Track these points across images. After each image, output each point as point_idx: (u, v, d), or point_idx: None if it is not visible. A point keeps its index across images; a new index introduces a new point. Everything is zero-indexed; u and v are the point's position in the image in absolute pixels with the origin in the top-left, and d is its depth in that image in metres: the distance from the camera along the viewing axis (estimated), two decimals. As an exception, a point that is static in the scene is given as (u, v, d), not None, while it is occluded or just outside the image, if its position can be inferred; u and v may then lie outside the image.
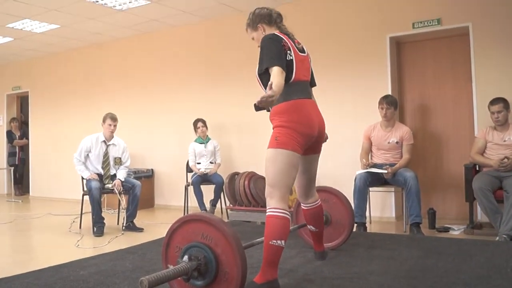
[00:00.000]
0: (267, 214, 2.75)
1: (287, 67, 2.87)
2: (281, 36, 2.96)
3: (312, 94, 3.22)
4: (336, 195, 3.82)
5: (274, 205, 2.75)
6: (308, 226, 3.44)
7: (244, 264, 2.38)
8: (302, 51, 3.09)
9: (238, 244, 2.41)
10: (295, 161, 2.84)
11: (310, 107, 2.99)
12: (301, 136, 2.83)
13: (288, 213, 2.75)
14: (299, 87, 2.96)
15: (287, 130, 2.81)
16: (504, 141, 4.71)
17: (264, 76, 2.89)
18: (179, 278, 2.47)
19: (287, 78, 2.88)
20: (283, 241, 2.67)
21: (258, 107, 3.07)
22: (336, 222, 3.82)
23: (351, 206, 3.87)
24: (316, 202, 3.33)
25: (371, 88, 5.83)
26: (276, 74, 2.73)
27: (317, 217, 3.36)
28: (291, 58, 2.91)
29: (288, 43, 2.94)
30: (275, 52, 2.83)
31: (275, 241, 2.65)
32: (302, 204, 3.37)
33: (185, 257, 2.46)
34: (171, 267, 2.46)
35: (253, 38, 3.20)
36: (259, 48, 2.95)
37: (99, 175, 5.56)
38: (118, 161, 5.70)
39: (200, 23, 7.29)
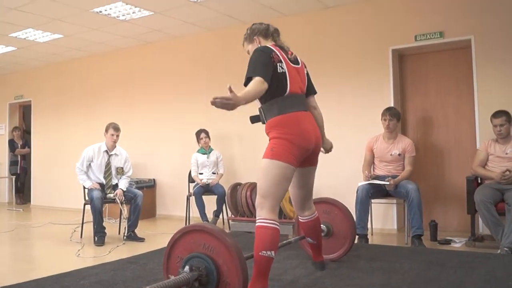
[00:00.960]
0: (256, 224, 2.74)
1: (280, 80, 2.88)
2: (273, 48, 2.96)
3: (312, 104, 3.22)
4: (338, 207, 3.81)
5: (264, 216, 2.74)
6: (306, 238, 3.44)
7: (245, 274, 2.37)
8: (296, 62, 3.10)
9: (239, 254, 2.40)
10: (289, 174, 2.84)
11: (306, 120, 2.98)
12: (297, 148, 2.83)
13: (278, 224, 2.74)
14: (295, 100, 2.96)
15: (283, 142, 2.81)
16: (506, 153, 4.71)
17: None
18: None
19: (282, 91, 2.89)
20: (273, 252, 2.67)
21: (253, 119, 3.09)
22: (337, 233, 3.81)
23: (352, 218, 3.86)
24: (313, 215, 3.32)
25: (373, 99, 5.85)
26: (254, 82, 2.70)
27: (314, 229, 3.36)
28: (283, 70, 2.91)
29: (280, 56, 2.94)
30: (260, 63, 2.82)
31: (265, 252, 2.64)
32: (299, 216, 3.36)
33: (186, 268, 2.46)
34: (172, 277, 2.45)
35: (248, 52, 3.20)
36: None
37: (100, 184, 5.56)
38: (120, 171, 5.70)
39: (203, 34, 7.32)
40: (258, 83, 2.70)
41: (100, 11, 6.19)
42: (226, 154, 6.88)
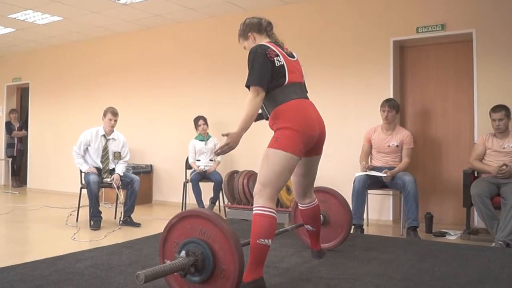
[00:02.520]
0: (254, 212, 2.74)
1: (279, 73, 2.91)
2: (268, 45, 2.97)
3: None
4: (335, 196, 3.82)
5: (262, 204, 2.74)
6: (305, 226, 3.45)
7: (241, 261, 2.37)
8: (292, 56, 3.11)
9: (236, 241, 2.40)
10: (292, 165, 2.83)
11: (309, 107, 2.99)
12: (302, 136, 2.82)
13: (275, 212, 2.74)
14: (295, 88, 2.98)
15: (288, 132, 2.81)
16: (504, 148, 4.72)
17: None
18: (175, 274, 2.46)
19: (281, 82, 2.92)
20: (270, 240, 2.67)
21: (256, 118, 3.11)
22: (334, 222, 3.82)
23: (349, 207, 3.87)
24: (314, 202, 3.33)
25: (373, 91, 5.84)
26: (247, 103, 2.82)
27: (314, 216, 3.37)
28: (281, 63, 2.93)
29: (276, 50, 2.96)
30: (256, 68, 2.87)
31: (262, 240, 2.65)
32: (299, 204, 3.37)
33: (182, 253, 2.45)
34: (168, 262, 2.45)
35: (244, 47, 3.23)
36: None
37: (97, 169, 5.55)
38: (117, 156, 5.69)
39: (204, 20, 7.28)
40: (251, 102, 2.84)
41: (101, -6, 6.15)
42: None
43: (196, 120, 6.64)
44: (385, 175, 4.97)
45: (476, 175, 4.97)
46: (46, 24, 7.57)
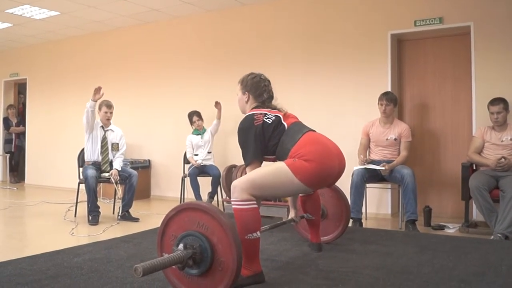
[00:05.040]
0: (233, 207, 2.71)
1: (275, 126, 2.92)
2: (253, 113, 2.98)
3: None
4: (332, 189, 3.82)
5: (238, 197, 2.69)
6: (305, 215, 3.45)
7: (239, 253, 2.37)
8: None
9: (234, 233, 2.40)
10: (294, 190, 2.83)
11: (323, 137, 2.96)
12: (322, 169, 2.76)
13: (254, 202, 2.69)
14: (299, 127, 2.98)
15: (308, 164, 2.73)
16: (502, 141, 4.72)
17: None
18: (173, 267, 2.45)
19: (282, 130, 2.92)
20: (258, 232, 2.66)
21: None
22: (332, 215, 3.83)
23: (347, 200, 3.87)
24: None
25: (371, 84, 5.83)
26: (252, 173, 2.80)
27: (313, 203, 3.38)
28: (272, 117, 2.95)
29: (263, 111, 2.98)
30: (249, 144, 2.91)
31: (250, 235, 2.63)
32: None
33: (180, 246, 2.45)
34: (166, 255, 2.45)
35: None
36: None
37: (96, 163, 5.54)
38: (116, 147, 5.68)
39: (202, 15, 7.25)
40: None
41: (98, -11, 6.12)
42: (221, 136, 6.85)
43: (190, 116, 6.61)
44: (383, 168, 4.96)
45: (474, 168, 4.97)
46: (44, 19, 7.53)
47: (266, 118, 2.93)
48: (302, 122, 3.10)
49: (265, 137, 2.91)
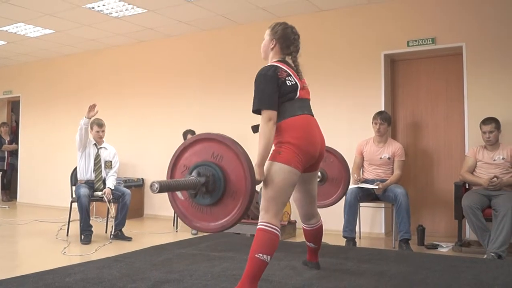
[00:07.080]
0: (258, 226, 2.70)
1: (290, 90, 2.88)
2: (278, 65, 2.93)
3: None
4: (334, 154, 3.94)
5: (267, 220, 2.70)
6: (307, 243, 3.45)
7: (253, 186, 2.39)
8: (301, 77, 3.09)
9: (249, 165, 2.40)
10: (295, 179, 2.81)
11: (314, 125, 3.00)
12: (304, 154, 2.81)
13: (279, 230, 2.71)
14: (303, 104, 2.98)
15: (290, 147, 2.78)
16: (494, 160, 4.75)
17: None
18: (183, 198, 2.44)
19: (291, 97, 2.90)
20: (269, 257, 2.63)
21: (256, 129, 3.09)
22: (332, 179, 3.93)
23: (346, 163, 3.98)
24: (318, 223, 3.32)
25: (364, 104, 5.87)
26: (261, 131, 2.75)
27: (317, 236, 3.38)
28: (293, 82, 2.92)
29: (288, 70, 2.95)
30: (265, 90, 2.82)
31: (261, 255, 2.60)
32: (304, 224, 3.36)
33: (194, 173, 2.42)
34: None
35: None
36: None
37: (89, 181, 5.51)
38: (109, 165, 5.67)
39: (196, 34, 7.30)
40: (265, 128, 2.74)
41: (93, 7, 6.15)
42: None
43: (185, 134, 6.60)
44: (377, 187, 4.97)
45: (467, 187, 4.99)
46: (38, 37, 7.56)
47: (287, 79, 2.90)
48: (308, 99, 3.08)
49: (280, 93, 2.87)
